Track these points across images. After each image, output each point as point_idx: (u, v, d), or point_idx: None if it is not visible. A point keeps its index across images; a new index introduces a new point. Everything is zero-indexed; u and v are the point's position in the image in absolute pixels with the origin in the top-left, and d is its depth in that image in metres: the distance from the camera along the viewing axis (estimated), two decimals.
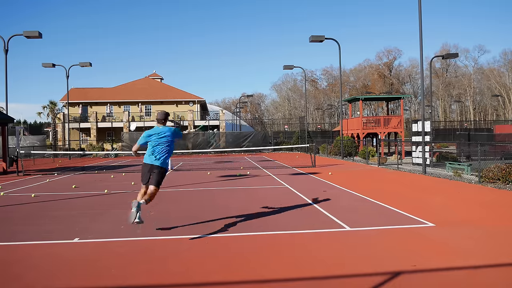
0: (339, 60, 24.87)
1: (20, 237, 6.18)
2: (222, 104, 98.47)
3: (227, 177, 14.70)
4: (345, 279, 4.23)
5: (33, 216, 7.82)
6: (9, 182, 14.43)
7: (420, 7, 15.09)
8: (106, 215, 7.84)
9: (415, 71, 79.68)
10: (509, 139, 24.61)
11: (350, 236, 5.98)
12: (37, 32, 21.15)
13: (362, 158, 22.65)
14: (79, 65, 29.43)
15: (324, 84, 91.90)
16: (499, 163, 12.76)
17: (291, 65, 32.09)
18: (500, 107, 74.69)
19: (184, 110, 46.18)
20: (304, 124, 41.28)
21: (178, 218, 7.36)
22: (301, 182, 12.96)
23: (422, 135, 16.05)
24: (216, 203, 9.06)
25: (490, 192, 10.17)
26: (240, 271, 4.50)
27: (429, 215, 7.27)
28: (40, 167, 21.35)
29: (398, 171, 16.25)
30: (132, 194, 10.77)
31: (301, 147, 33.85)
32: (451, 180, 12.87)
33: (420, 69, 17.01)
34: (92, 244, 5.71)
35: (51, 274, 4.50)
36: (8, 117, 19.47)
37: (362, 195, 9.84)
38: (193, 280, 4.24)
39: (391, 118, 26.51)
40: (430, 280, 4.17)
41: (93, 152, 32.56)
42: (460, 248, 5.25)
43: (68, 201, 9.69)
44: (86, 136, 45.57)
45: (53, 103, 43.74)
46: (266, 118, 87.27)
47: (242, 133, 39.51)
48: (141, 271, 4.52)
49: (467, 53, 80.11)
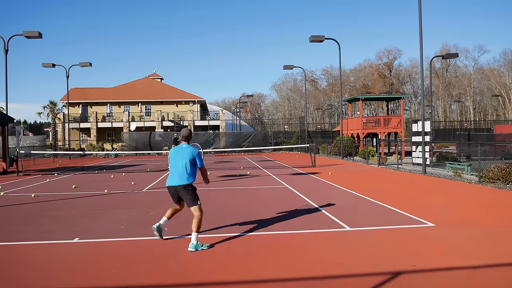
0: (339, 60, 24.89)
1: (19, 237, 6.18)
2: (222, 104, 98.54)
3: (227, 177, 14.70)
4: (345, 279, 4.23)
5: (33, 216, 7.82)
6: (9, 182, 14.43)
7: (420, 7, 15.09)
8: (106, 215, 7.84)
9: (415, 71, 79.75)
10: (509, 139, 24.60)
11: (349, 236, 5.98)
12: (37, 32, 21.15)
13: (362, 158, 22.64)
14: (79, 65, 29.43)
15: (324, 84, 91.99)
16: (499, 163, 12.75)
17: (291, 65, 32.08)
18: (500, 107, 74.67)
19: (184, 110, 46.18)
20: (304, 124, 41.27)
21: (177, 218, 7.35)
22: (301, 182, 12.95)
23: (422, 135, 16.05)
24: (216, 203, 9.05)
25: (490, 192, 10.16)
26: (239, 271, 4.50)
27: (429, 215, 7.27)
28: (40, 167, 21.34)
29: (398, 171, 16.24)
30: (132, 194, 10.77)
31: (301, 147, 33.85)
32: (451, 180, 12.87)
33: (420, 69, 17.02)
34: (92, 244, 5.71)
35: (50, 274, 4.49)
36: (8, 117, 19.47)
37: (362, 195, 9.84)
38: (192, 280, 4.24)
39: (391, 118, 26.50)
40: (430, 280, 4.17)
41: (93, 152, 32.54)
42: (459, 248, 5.24)
43: (68, 201, 9.69)
44: (86, 136, 45.58)
45: (53, 103, 43.73)
46: (266, 118, 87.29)
47: (242, 133, 39.50)
48: (141, 271, 4.52)
49: (467, 53, 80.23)
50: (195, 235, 5.36)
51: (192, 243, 5.32)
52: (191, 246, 5.30)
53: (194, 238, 5.35)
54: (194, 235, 5.37)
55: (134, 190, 11.52)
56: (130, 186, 12.57)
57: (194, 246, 5.30)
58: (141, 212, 8.03)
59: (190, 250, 5.26)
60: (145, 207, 8.61)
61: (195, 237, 5.36)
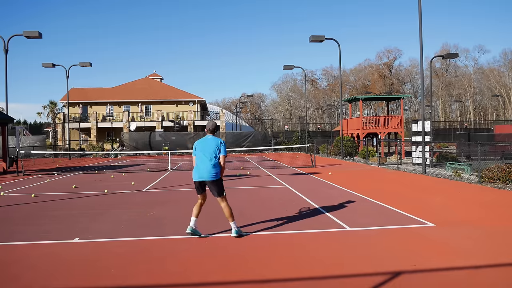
0: (339, 60, 24.89)
1: (19, 237, 6.17)
2: (222, 104, 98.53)
3: (227, 177, 14.68)
4: (345, 279, 4.22)
5: (33, 216, 7.81)
6: (9, 182, 14.42)
7: (420, 7, 15.08)
8: (106, 215, 7.83)
9: (415, 71, 79.75)
10: (509, 139, 24.59)
11: (349, 236, 5.97)
12: (37, 32, 21.15)
13: (362, 158, 22.64)
14: (79, 65, 29.44)
15: (324, 84, 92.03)
16: (499, 163, 12.74)
17: (291, 65, 32.08)
18: (500, 107, 74.66)
19: (184, 110, 46.17)
20: (304, 124, 41.26)
21: (177, 218, 7.35)
22: (301, 182, 12.94)
23: (422, 135, 16.04)
24: (215, 203, 9.02)
25: (490, 192, 10.16)
26: (239, 271, 4.49)
27: (429, 215, 7.26)
28: (40, 167, 21.33)
29: (398, 171, 16.23)
30: (132, 194, 10.76)
31: (301, 147, 33.84)
32: (451, 180, 12.86)
33: (420, 69, 17.01)
34: (91, 244, 5.70)
35: (49, 274, 4.48)
36: (8, 117, 19.46)
37: (362, 195, 9.83)
38: (191, 280, 4.23)
39: (391, 118, 26.49)
40: (430, 280, 4.16)
41: (93, 152, 32.54)
42: (460, 248, 5.24)
43: (68, 201, 9.68)
44: (86, 136, 45.57)
45: (53, 103, 43.74)
46: (266, 118, 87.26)
47: (242, 133, 39.49)
48: (140, 271, 4.51)
49: (467, 53, 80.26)
50: (233, 224, 5.85)
51: (234, 230, 5.86)
52: (234, 233, 5.85)
53: (234, 226, 5.86)
54: (232, 224, 5.85)
55: (134, 190, 11.51)
56: (130, 186, 12.56)
57: (236, 232, 5.85)
58: (141, 212, 8.03)
59: (233, 235, 5.84)
60: (145, 207, 8.60)
61: (234, 225, 5.86)
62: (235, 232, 5.84)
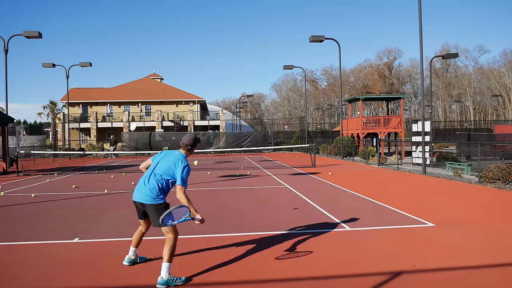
0: (339, 60, 24.88)
1: (19, 237, 6.17)
2: (222, 104, 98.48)
3: (227, 177, 14.69)
4: (345, 279, 4.22)
5: (33, 216, 7.81)
6: (9, 182, 14.42)
7: (420, 7, 15.08)
8: (106, 215, 7.83)
9: (415, 71, 79.69)
10: (509, 139, 24.58)
11: (350, 236, 5.97)
12: (37, 32, 21.15)
13: (362, 158, 22.64)
14: (79, 65, 29.44)
15: (324, 84, 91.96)
16: (499, 163, 12.74)
17: (291, 65, 32.08)
18: (500, 107, 74.63)
19: (184, 110, 46.16)
20: (304, 124, 41.26)
21: None
22: (301, 182, 12.95)
23: (422, 135, 16.04)
24: (216, 203, 9.05)
25: (490, 192, 10.16)
26: (239, 271, 4.50)
27: (429, 215, 7.27)
28: (40, 167, 21.34)
29: (398, 171, 16.24)
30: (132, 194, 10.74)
31: (301, 147, 33.83)
32: (451, 180, 12.86)
33: (420, 69, 17.01)
34: (91, 244, 5.71)
35: (49, 274, 4.49)
36: (8, 117, 19.46)
37: (362, 195, 9.84)
38: (192, 280, 4.23)
39: (391, 118, 26.49)
40: (430, 280, 4.17)
41: (93, 152, 32.55)
42: (460, 248, 5.24)
43: (68, 201, 9.68)
44: (86, 136, 45.57)
45: (53, 103, 43.71)
46: (266, 118, 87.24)
47: (242, 133, 39.49)
48: (141, 271, 4.52)
49: (467, 53, 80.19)
50: (166, 266, 4.06)
51: (161, 278, 4.00)
52: (161, 282, 3.98)
53: (165, 271, 4.04)
54: (165, 266, 4.06)
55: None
56: (130, 186, 12.56)
57: (164, 282, 3.98)
58: None
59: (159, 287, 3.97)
60: None
61: (166, 268, 4.05)
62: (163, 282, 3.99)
